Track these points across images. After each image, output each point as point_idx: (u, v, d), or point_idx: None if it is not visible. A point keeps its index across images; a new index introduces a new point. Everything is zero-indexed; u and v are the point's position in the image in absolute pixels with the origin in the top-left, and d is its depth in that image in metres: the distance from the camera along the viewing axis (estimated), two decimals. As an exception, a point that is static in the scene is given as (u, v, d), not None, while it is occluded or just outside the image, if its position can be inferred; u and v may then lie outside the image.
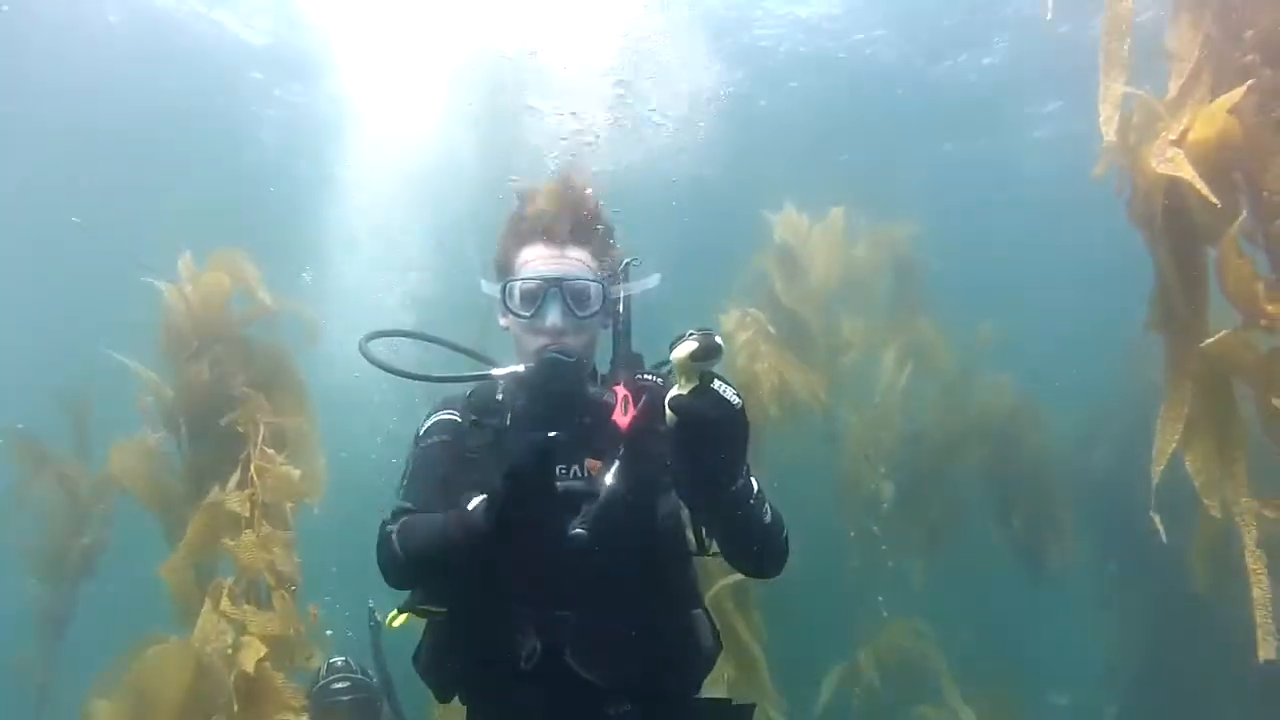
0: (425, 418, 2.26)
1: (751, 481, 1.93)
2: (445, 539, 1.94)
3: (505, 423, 2.13)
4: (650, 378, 2.11)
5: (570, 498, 1.98)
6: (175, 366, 5.17)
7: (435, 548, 1.97)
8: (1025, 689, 8.78)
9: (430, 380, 2.23)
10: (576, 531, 1.88)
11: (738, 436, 1.79)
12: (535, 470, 1.82)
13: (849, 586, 8.02)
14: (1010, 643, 9.52)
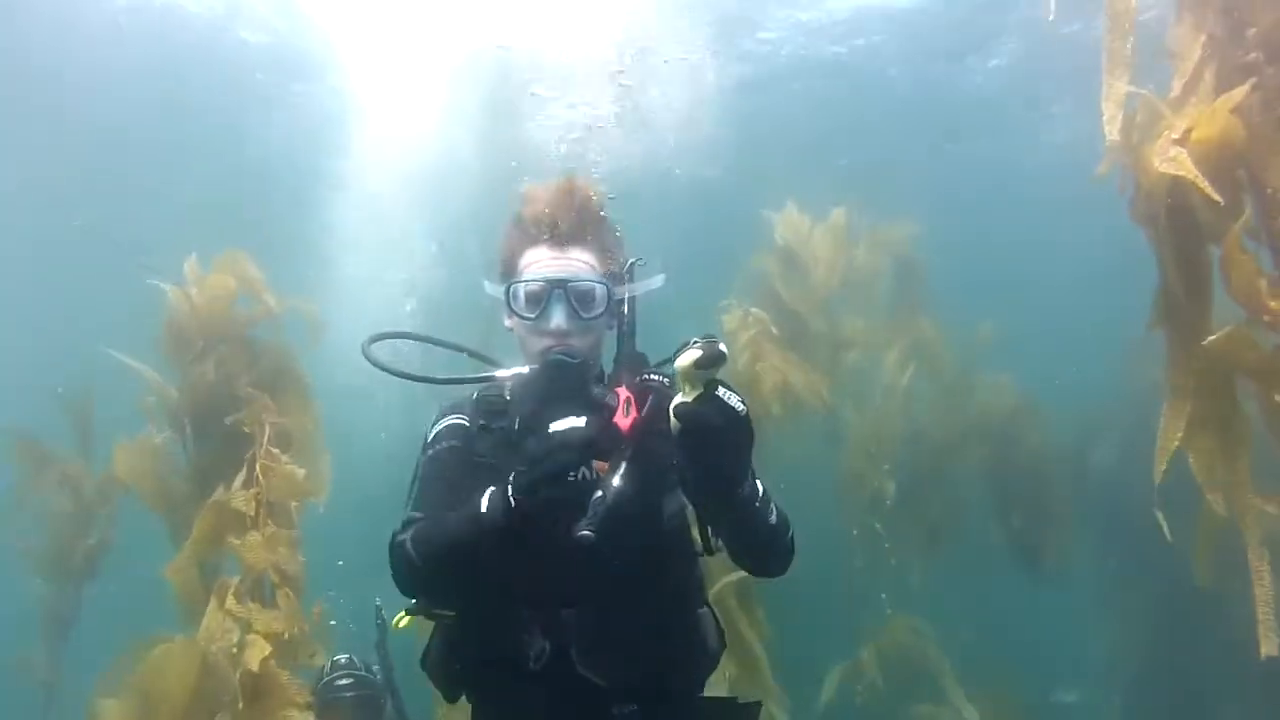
0: (432, 423, 2.23)
1: (757, 484, 1.94)
2: (460, 538, 1.93)
3: (514, 425, 2.11)
4: (655, 378, 2.10)
5: (579, 497, 1.97)
6: (180, 367, 5.19)
7: (450, 551, 1.95)
8: (1026, 687, 8.79)
9: (434, 382, 2.22)
10: (584, 532, 1.88)
11: (742, 443, 1.80)
12: (578, 458, 1.85)
13: (852, 584, 8.03)
14: (1011, 641, 9.52)
